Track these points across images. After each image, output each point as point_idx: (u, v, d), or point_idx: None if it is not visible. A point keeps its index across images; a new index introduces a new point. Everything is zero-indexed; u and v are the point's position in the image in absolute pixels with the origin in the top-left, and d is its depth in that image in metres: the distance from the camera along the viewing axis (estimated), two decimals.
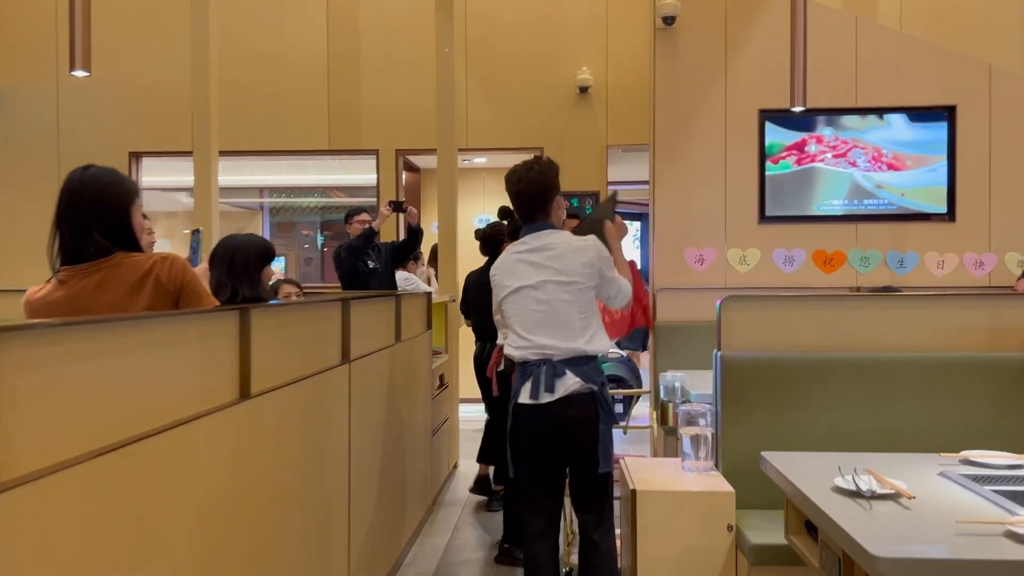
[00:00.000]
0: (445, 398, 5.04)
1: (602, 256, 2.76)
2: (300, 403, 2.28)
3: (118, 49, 7.32)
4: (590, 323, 2.72)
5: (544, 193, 2.80)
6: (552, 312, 2.70)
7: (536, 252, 2.76)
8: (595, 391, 2.66)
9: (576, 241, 2.77)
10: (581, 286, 2.71)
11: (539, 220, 2.81)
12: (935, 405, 2.82)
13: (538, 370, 2.67)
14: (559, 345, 2.67)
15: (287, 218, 13.99)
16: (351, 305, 2.74)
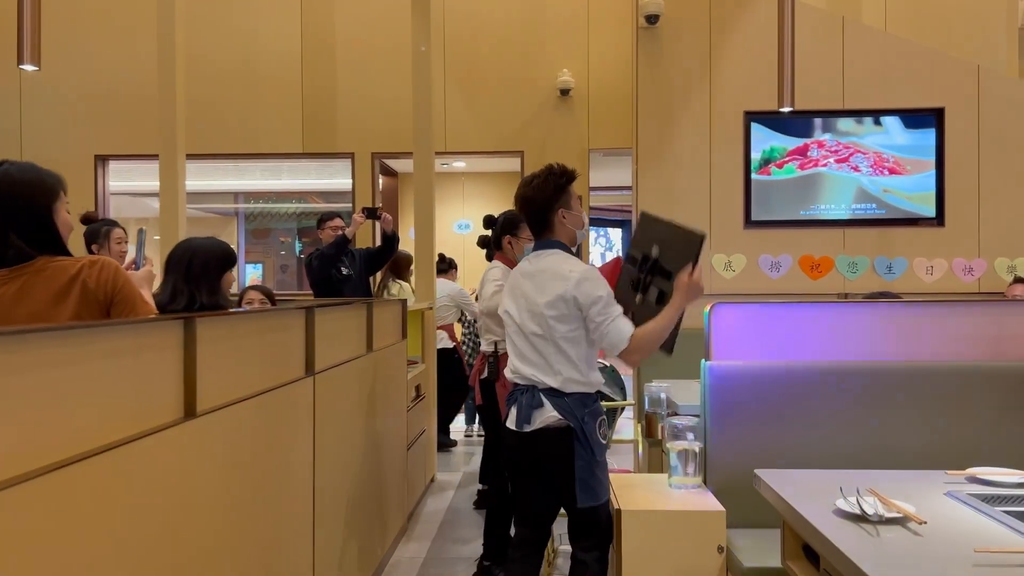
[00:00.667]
0: (422, 409, 4.85)
1: (585, 291, 2.48)
2: (256, 420, 2.10)
3: (82, 49, 7.09)
4: (570, 359, 2.53)
5: (540, 209, 2.62)
6: (532, 344, 2.58)
7: (529, 277, 2.64)
8: (570, 427, 2.51)
9: (563, 267, 2.55)
10: (552, 317, 2.52)
11: (543, 237, 2.67)
12: (936, 416, 2.67)
13: (521, 398, 2.59)
14: (540, 378, 2.56)
15: (263, 224, 13.75)
16: (315, 314, 2.56)
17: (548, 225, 2.63)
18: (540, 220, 2.64)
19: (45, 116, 7.10)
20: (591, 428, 2.52)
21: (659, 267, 2.67)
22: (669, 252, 2.67)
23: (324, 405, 2.66)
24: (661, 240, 2.72)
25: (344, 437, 2.95)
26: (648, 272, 2.71)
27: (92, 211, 4.49)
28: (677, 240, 2.70)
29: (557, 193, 2.62)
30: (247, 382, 2.06)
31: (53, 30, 7.10)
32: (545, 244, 2.66)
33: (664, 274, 2.65)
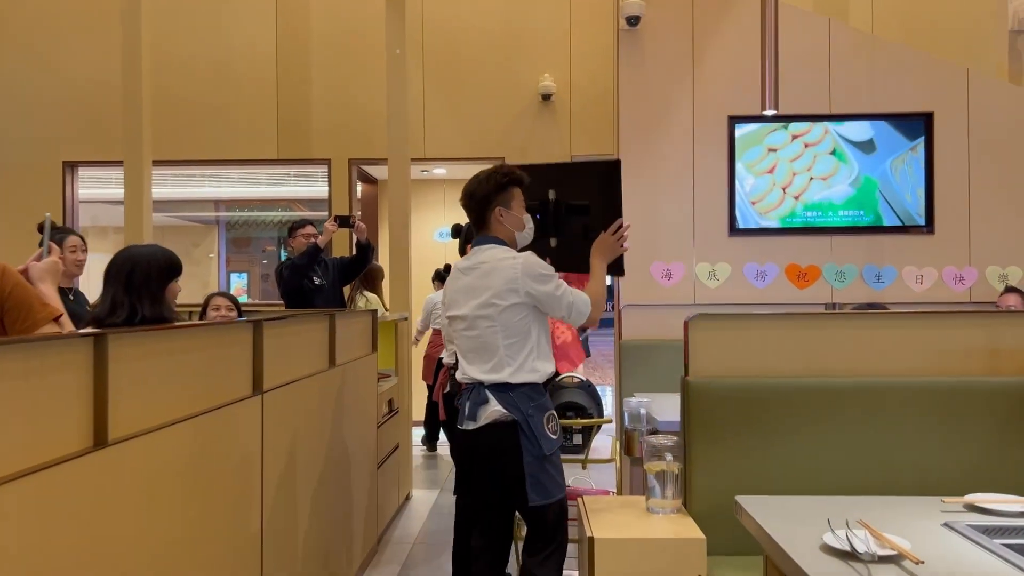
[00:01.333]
0: (395, 424, 4.66)
1: (531, 272, 2.53)
2: (188, 446, 1.91)
3: (51, 52, 6.89)
4: (520, 349, 2.54)
5: (478, 204, 2.66)
6: (478, 338, 2.58)
7: (470, 271, 2.64)
8: (516, 421, 2.48)
9: (504, 257, 2.58)
10: (502, 306, 2.52)
11: (482, 232, 2.70)
12: (930, 436, 2.51)
13: (467, 396, 2.60)
14: (486, 374, 2.55)
15: (244, 233, 13.53)
16: (264, 327, 2.37)
17: (484, 221, 2.66)
18: (479, 215, 2.67)
19: (11, 121, 6.89)
20: (537, 422, 2.50)
21: (565, 205, 2.86)
22: (571, 188, 2.87)
23: (275, 426, 2.47)
24: (554, 182, 2.90)
25: (300, 459, 2.75)
26: (553, 215, 2.86)
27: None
28: (579, 174, 2.98)
29: (497, 191, 2.65)
30: (176, 404, 1.87)
31: (20, 32, 6.90)
32: (483, 240, 2.66)
33: (576, 210, 2.84)
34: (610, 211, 2.80)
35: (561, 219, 2.88)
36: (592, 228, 2.80)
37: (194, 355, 2.00)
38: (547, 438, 2.52)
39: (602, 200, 2.82)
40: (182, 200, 11.79)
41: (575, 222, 2.85)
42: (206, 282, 13.23)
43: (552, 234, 2.90)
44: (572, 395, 3.30)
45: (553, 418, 2.57)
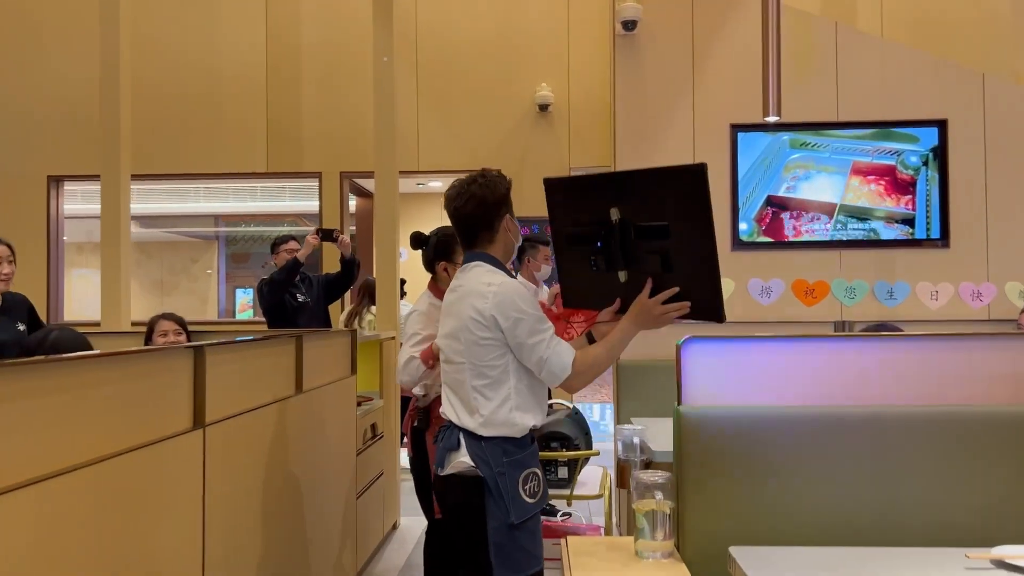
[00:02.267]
0: (379, 450, 4.42)
1: (504, 305, 2.10)
2: (94, 492, 1.67)
3: (35, 65, 6.73)
4: (492, 394, 2.14)
5: (487, 211, 2.24)
6: (451, 372, 2.25)
7: (451, 293, 2.31)
8: (484, 479, 2.11)
9: (481, 280, 2.18)
10: (468, 340, 2.16)
11: (476, 248, 2.29)
12: (950, 474, 2.24)
13: (442, 435, 2.27)
14: (457, 416, 2.21)
15: (244, 248, 13.36)
16: (207, 354, 2.14)
17: (491, 231, 2.26)
18: (483, 225, 2.25)
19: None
20: (509, 483, 2.11)
21: (635, 228, 2.13)
22: (638, 204, 2.13)
23: (221, 461, 2.23)
24: (615, 199, 2.17)
25: (255, 495, 2.51)
26: (620, 241, 2.15)
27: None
28: (648, 185, 2.13)
29: (507, 195, 2.29)
30: (79, 447, 1.64)
31: (4, 45, 6.75)
32: (472, 257, 2.29)
33: (650, 233, 2.10)
34: (695, 233, 2.06)
35: (630, 246, 2.17)
36: (674, 260, 2.11)
37: (113, 388, 1.76)
38: (520, 503, 2.13)
39: (683, 219, 2.08)
40: (180, 215, 11.65)
41: (651, 249, 2.14)
42: (205, 298, 13.06)
43: (621, 266, 2.21)
44: (556, 424, 3.04)
45: (534, 478, 2.18)
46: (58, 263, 6.69)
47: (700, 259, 2.07)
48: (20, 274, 6.60)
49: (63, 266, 6.79)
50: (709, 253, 2.03)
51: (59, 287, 6.71)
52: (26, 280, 6.60)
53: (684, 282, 2.13)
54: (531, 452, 2.20)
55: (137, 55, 6.48)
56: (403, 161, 6.48)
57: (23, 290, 6.73)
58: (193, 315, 12.68)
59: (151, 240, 12.58)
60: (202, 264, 12.99)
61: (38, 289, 6.64)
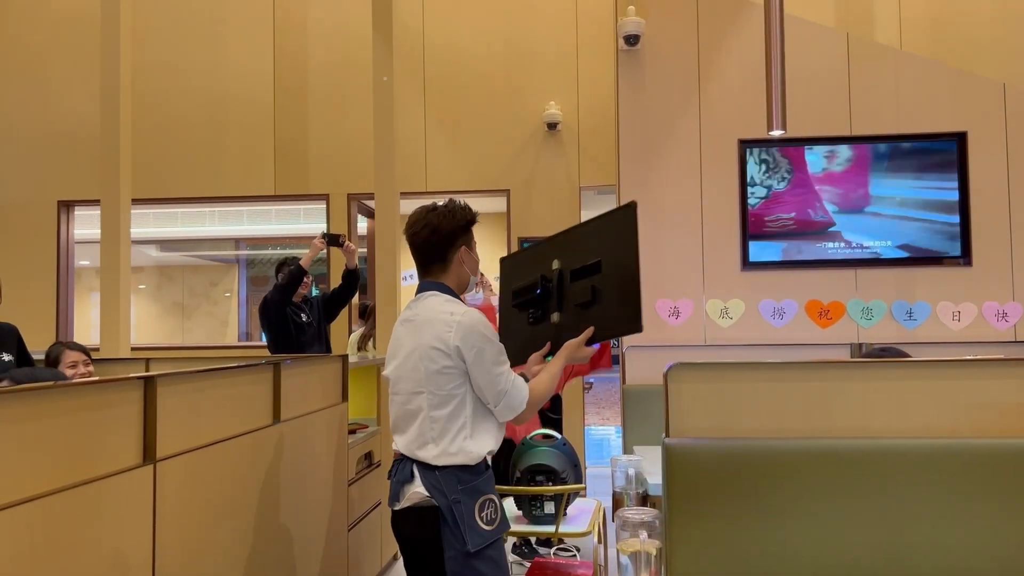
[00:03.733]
0: (375, 478, 4.28)
1: (469, 334, 2.10)
2: (27, 532, 1.56)
3: (46, 90, 6.77)
4: (450, 424, 2.11)
5: (441, 240, 2.23)
6: (404, 404, 2.20)
7: (407, 323, 2.26)
8: (438, 508, 2.07)
9: (443, 309, 2.17)
10: (429, 369, 2.12)
11: (431, 276, 2.28)
12: (962, 514, 2.05)
13: (393, 469, 2.24)
14: (410, 448, 2.16)
15: (264, 271, 13.39)
16: (158, 385, 2.02)
17: (444, 262, 2.25)
18: (436, 254, 2.24)
19: (6, 160, 6.77)
20: (465, 510, 2.06)
21: (571, 272, 2.42)
22: (580, 251, 2.43)
23: (175, 498, 2.11)
24: (558, 253, 2.50)
25: (219, 534, 2.38)
26: (557, 288, 2.45)
27: None
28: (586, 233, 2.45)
29: (466, 227, 2.28)
30: (11, 484, 1.53)
31: (14, 70, 6.81)
32: (428, 286, 2.26)
33: (583, 272, 2.38)
34: (623, 257, 2.30)
35: (565, 289, 2.44)
36: (602, 287, 2.33)
37: (43, 423, 1.65)
38: (476, 531, 2.07)
39: (613, 250, 2.34)
40: (200, 239, 11.72)
41: (581, 286, 2.39)
42: (225, 321, 13.10)
43: (555, 308, 2.45)
44: (543, 456, 2.88)
45: (490, 504, 2.13)
46: (68, 288, 6.68)
47: (625, 279, 2.27)
48: (31, 299, 6.62)
49: (73, 291, 6.78)
50: (634, 272, 2.25)
51: (68, 312, 6.70)
52: (36, 305, 6.60)
53: (610, 305, 2.31)
54: (486, 478, 2.16)
55: (144, 80, 6.50)
56: (410, 182, 6.40)
57: (34, 316, 6.75)
58: (213, 338, 12.72)
59: (171, 264, 12.68)
60: (222, 287, 13.04)
61: (48, 314, 6.63)
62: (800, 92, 4.32)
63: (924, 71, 4.52)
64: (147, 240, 11.38)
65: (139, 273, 12.58)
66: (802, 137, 4.38)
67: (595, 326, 2.31)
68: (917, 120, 4.48)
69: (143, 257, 12.26)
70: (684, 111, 4.57)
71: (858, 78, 4.51)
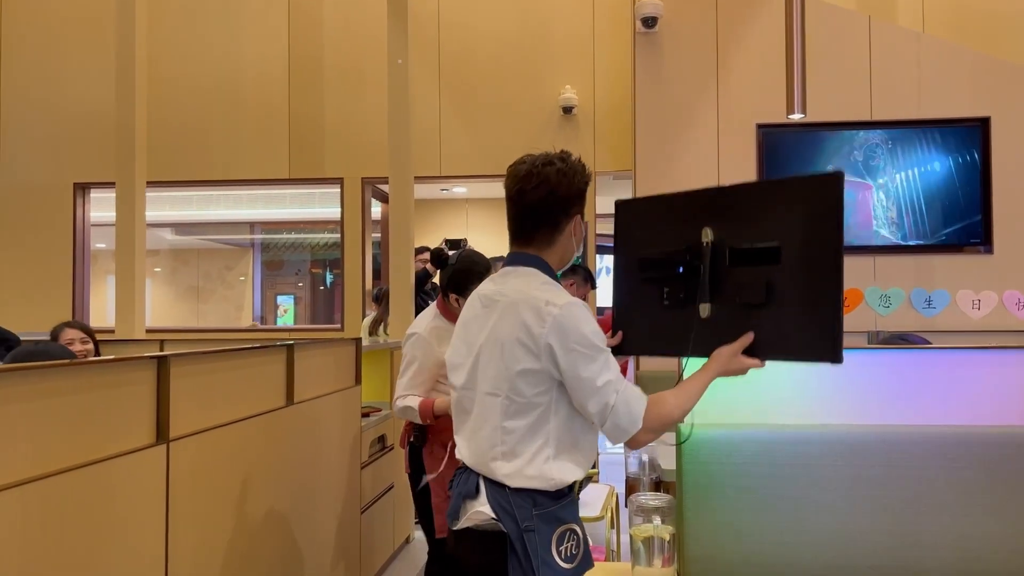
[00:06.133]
0: (389, 462, 4.29)
1: (566, 331, 1.65)
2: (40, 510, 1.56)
3: (63, 72, 6.79)
4: (529, 439, 1.69)
5: (555, 205, 1.76)
6: (474, 403, 1.78)
7: (489, 303, 1.80)
8: (506, 534, 1.68)
9: (537, 295, 1.70)
10: (510, 368, 1.69)
11: (531, 248, 1.80)
12: (977, 502, 2.02)
13: (456, 480, 1.83)
14: (477, 458, 1.75)
15: (279, 255, 13.42)
16: (171, 365, 2.02)
17: (554, 231, 1.78)
18: (547, 220, 1.76)
19: (23, 143, 6.80)
20: (539, 541, 1.68)
21: (732, 251, 1.78)
22: (746, 222, 1.77)
23: (189, 478, 2.11)
24: (710, 218, 1.80)
25: (231, 514, 2.39)
26: (710, 268, 1.79)
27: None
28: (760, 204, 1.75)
29: (584, 191, 1.81)
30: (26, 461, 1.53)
31: (31, 54, 6.83)
32: (521, 259, 1.80)
33: (752, 257, 1.75)
34: (818, 256, 1.68)
35: (722, 274, 1.80)
36: (780, 286, 1.73)
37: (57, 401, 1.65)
38: (551, 567, 1.69)
39: (802, 240, 1.70)
40: (215, 223, 11.76)
41: (748, 277, 1.77)
42: (240, 305, 13.15)
43: (705, 298, 1.81)
44: None
45: (571, 536, 1.75)
46: (84, 270, 6.72)
47: (818, 288, 1.69)
48: (47, 281, 6.67)
49: (89, 273, 6.83)
50: (833, 281, 1.67)
51: (84, 294, 6.74)
52: (53, 287, 6.65)
53: (790, 316, 1.76)
54: (568, 504, 1.75)
55: (160, 64, 6.50)
56: (425, 166, 6.38)
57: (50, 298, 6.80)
58: (228, 322, 12.78)
59: (187, 247, 12.72)
60: (237, 271, 13.08)
61: (64, 296, 6.68)
62: (820, 76, 4.26)
63: (947, 55, 4.44)
64: (162, 223, 11.41)
65: (154, 256, 12.62)
66: (821, 122, 4.32)
67: (764, 338, 1.78)
68: (939, 105, 4.41)
69: (158, 240, 12.30)
70: (701, 95, 4.52)
71: (879, 62, 4.44)
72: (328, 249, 12.96)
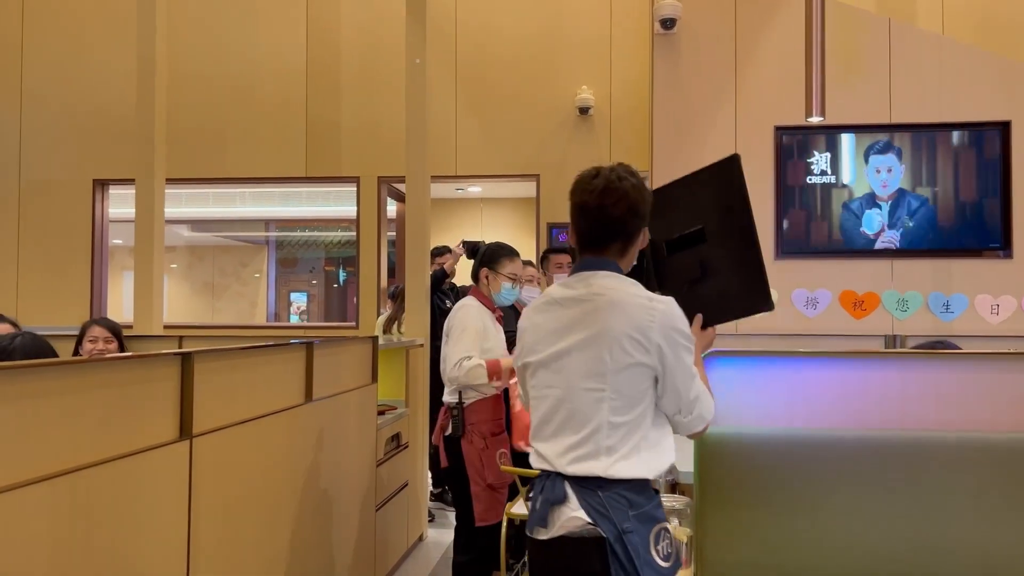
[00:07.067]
0: (403, 460, 4.31)
1: (672, 327, 1.75)
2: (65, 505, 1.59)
3: (83, 70, 6.86)
4: (632, 431, 1.73)
5: (632, 220, 1.84)
6: (567, 402, 1.77)
7: (573, 304, 1.83)
8: (606, 539, 1.67)
9: (636, 293, 1.79)
10: (620, 364, 1.72)
11: (604, 255, 1.87)
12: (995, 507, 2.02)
13: (539, 487, 1.79)
14: (569, 459, 1.74)
15: (293, 253, 13.48)
16: (195, 362, 2.04)
17: (627, 242, 1.86)
18: (623, 232, 1.84)
19: (42, 140, 6.87)
20: (639, 541, 1.68)
21: (672, 243, 2.06)
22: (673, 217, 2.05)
23: (212, 474, 2.14)
24: (666, 210, 2.05)
25: (252, 510, 2.41)
26: (653, 263, 2.08)
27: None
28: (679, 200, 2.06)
29: (649, 203, 1.90)
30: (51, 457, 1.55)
31: (51, 51, 6.89)
32: (598, 263, 1.85)
33: (682, 243, 2.04)
34: (734, 225, 1.98)
35: (661, 265, 2.08)
36: (711, 259, 2.00)
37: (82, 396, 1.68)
38: (653, 568, 1.69)
39: (720, 216, 2.01)
40: (231, 220, 11.83)
41: (685, 260, 2.05)
42: (254, 302, 13.22)
43: (654, 287, 2.00)
44: None
45: (665, 535, 1.75)
46: (102, 266, 6.79)
47: (741, 251, 1.96)
48: (67, 277, 6.74)
49: (107, 268, 6.89)
50: (750, 241, 1.94)
51: (102, 289, 6.80)
52: (71, 282, 6.71)
53: (724, 282, 2.00)
54: (658, 503, 1.78)
55: (178, 61, 6.55)
56: (441, 166, 6.40)
57: (69, 293, 6.87)
58: (242, 319, 12.85)
59: (202, 244, 12.81)
60: (252, 268, 13.16)
61: (82, 291, 6.74)
62: (839, 78, 4.24)
63: (968, 58, 4.42)
64: (179, 220, 11.49)
65: (170, 253, 12.71)
66: (840, 124, 4.30)
67: (711, 307, 1.98)
68: (959, 108, 4.39)
69: (174, 237, 12.39)
70: (719, 96, 4.51)
71: (899, 64, 4.42)
72: (342, 247, 13.01)
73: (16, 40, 6.89)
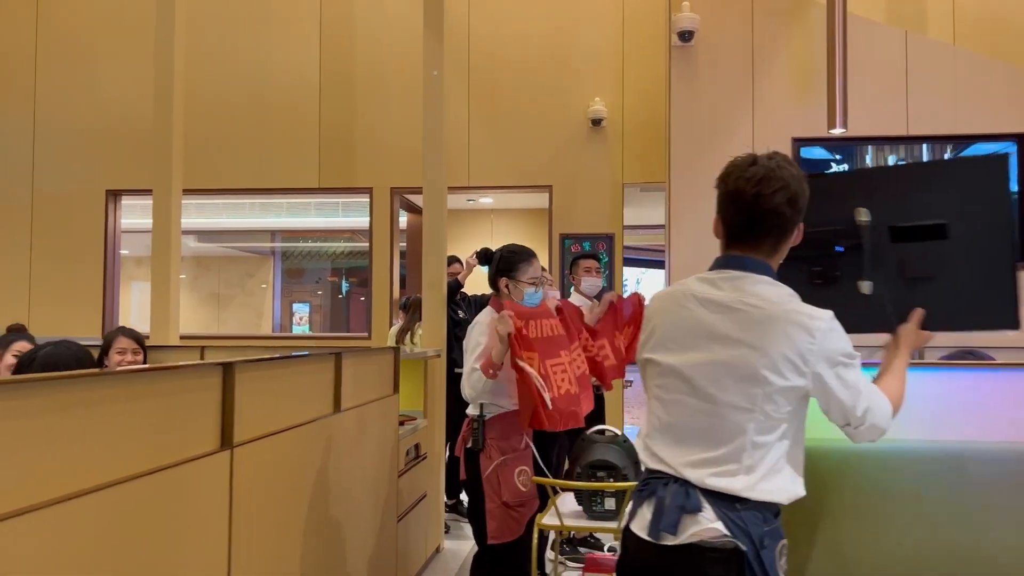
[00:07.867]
0: (422, 471, 4.30)
1: (833, 350, 1.63)
2: (110, 516, 1.58)
3: (96, 81, 6.88)
4: (772, 451, 1.66)
5: (792, 213, 1.71)
6: (709, 414, 1.70)
7: (722, 310, 1.72)
8: (741, 550, 1.63)
9: (798, 308, 1.67)
10: (773, 386, 1.64)
11: (756, 254, 1.75)
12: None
13: (663, 491, 1.71)
14: (704, 472, 1.68)
15: (298, 264, 13.49)
16: (236, 372, 2.05)
17: (783, 238, 1.73)
18: (780, 227, 1.72)
19: (55, 150, 6.88)
20: (771, 556, 1.65)
21: (900, 230, 1.89)
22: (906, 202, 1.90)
23: (250, 484, 2.13)
24: (865, 199, 1.91)
25: (289, 519, 2.41)
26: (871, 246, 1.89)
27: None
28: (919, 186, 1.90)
29: (807, 197, 1.76)
30: (95, 468, 1.55)
31: (64, 62, 6.92)
32: (749, 264, 1.73)
33: (917, 234, 1.87)
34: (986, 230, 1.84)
35: (882, 251, 1.90)
36: (950, 260, 1.87)
37: (126, 407, 1.68)
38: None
39: (971, 216, 1.86)
40: (237, 231, 11.84)
41: (912, 253, 1.89)
42: (260, 312, 13.22)
43: (868, 275, 1.89)
44: (603, 452, 2.87)
45: (785, 551, 1.73)
46: (114, 276, 6.79)
47: (990, 260, 1.84)
48: (78, 286, 6.74)
49: (119, 279, 6.89)
50: (1005, 251, 1.82)
51: (114, 299, 6.81)
52: (83, 292, 6.71)
53: (962, 287, 1.88)
54: (780, 519, 1.76)
55: (192, 72, 6.57)
56: (453, 176, 6.42)
57: (81, 303, 6.87)
58: (248, 329, 12.85)
59: (208, 254, 12.82)
60: (258, 279, 13.16)
61: (95, 301, 6.74)
62: (856, 90, 4.26)
63: (983, 70, 4.44)
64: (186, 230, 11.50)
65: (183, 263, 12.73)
66: (858, 136, 4.32)
67: (937, 310, 1.84)
68: (975, 120, 4.41)
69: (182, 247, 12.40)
70: (737, 108, 4.53)
71: (916, 76, 4.44)
72: (348, 257, 13.03)
73: (30, 51, 6.92)
